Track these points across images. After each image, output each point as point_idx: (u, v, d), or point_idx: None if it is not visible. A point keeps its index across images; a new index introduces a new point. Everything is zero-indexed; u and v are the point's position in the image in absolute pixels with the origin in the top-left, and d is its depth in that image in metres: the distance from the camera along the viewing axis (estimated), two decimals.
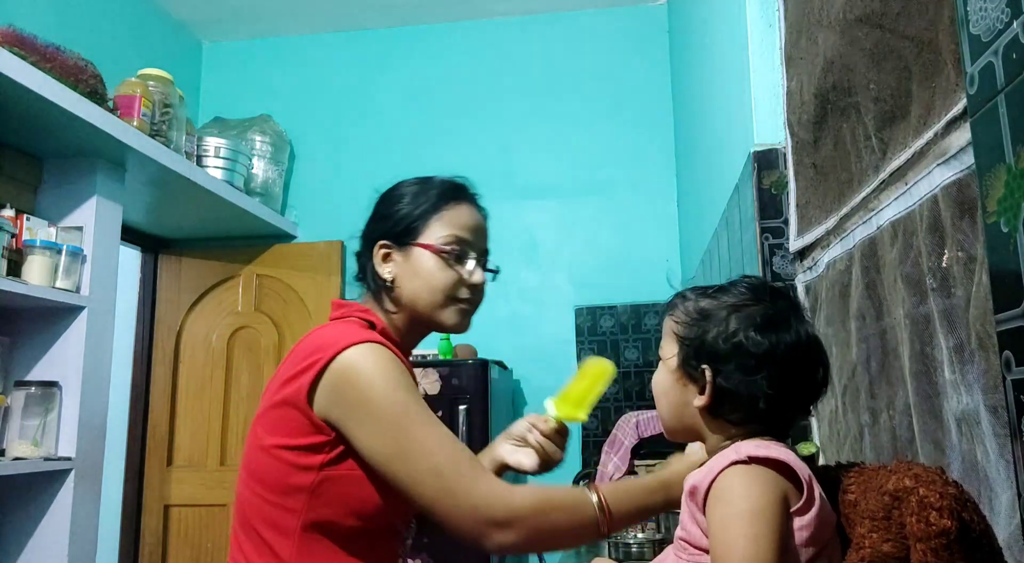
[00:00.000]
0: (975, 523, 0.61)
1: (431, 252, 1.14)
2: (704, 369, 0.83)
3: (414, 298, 1.15)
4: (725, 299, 0.86)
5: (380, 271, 1.17)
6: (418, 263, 1.15)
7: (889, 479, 0.69)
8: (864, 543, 0.68)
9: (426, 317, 1.16)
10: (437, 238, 1.15)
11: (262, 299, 3.73)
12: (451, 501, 0.97)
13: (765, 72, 1.57)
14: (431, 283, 1.14)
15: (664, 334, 0.93)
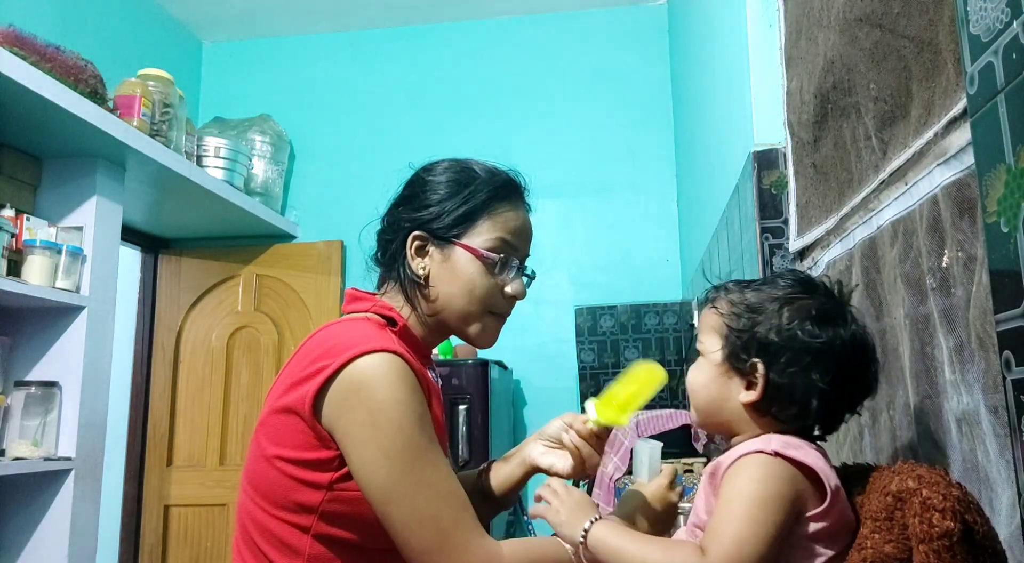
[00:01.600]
0: (978, 525, 0.61)
1: (475, 256, 1.04)
2: (756, 363, 0.80)
3: (448, 302, 1.05)
4: (772, 291, 0.83)
5: (413, 266, 1.06)
6: (458, 265, 1.04)
7: (892, 480, 0.68)
8: (866, 544, 0.68)
9: (455, 324, 1.07)
10: (484, 241, 1.05)
11: (262, 299, 3.73)
12: (442, 557, 0.89)
13: (765, 72, 1.57)
14: (471, 290, 1.04)
15: (703, 328, 0.88)
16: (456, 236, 1.05)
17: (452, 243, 1.05)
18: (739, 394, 0.82)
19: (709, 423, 0.88)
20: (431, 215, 1.07)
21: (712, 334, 0.86)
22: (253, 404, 3.64)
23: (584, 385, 3.46)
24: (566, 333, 3.54)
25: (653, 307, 3.48)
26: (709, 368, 0.85)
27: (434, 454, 0.94)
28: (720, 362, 0.84)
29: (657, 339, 3.45)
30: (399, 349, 0.95)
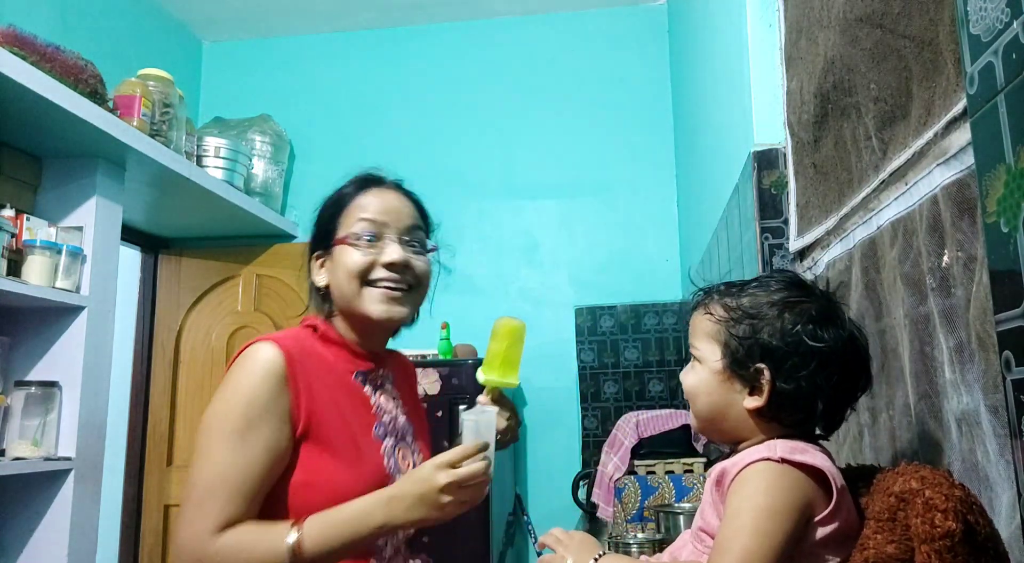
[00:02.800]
0: (980, 526, 0.61)
1: (345, 243, 1.16)
2: (761, 368, 0.80)
3: (340, 293, 1.16)
4: (768, 295, 0.83)
5: (316, 279, 1.20)
6: (339, 258, 1.16)
7: (896, 481, 0.68)
8: (868, 544, 0.68)
9: (354, 310, 1.16)
10: (349, 228, 1.17)
11: (262, 299, 3.73)
12: (177, 523, 1.00)
13: (765, 72, 1.57)
14: (347, 271, 1.14)
15: (697, 333, 0.87)
16: (334, 238, 1.18)
17: (333, 245, 1.18)
18: (743, 400, 0.81)
19: (711, 430, 0.87)
20: (317, 233, 1.23)
21: (708, 340, 0.85)
22: None
23: (584, 385, 3.46)
24: (566, 333, 3.54)
25: (653, 307, 3.48)
26: (709, 375, 0.84)
27: (239, 439, 1.00)
28: (721, 369, 0.83)
29: (657, 339, 3.45)
30: (285, 342, 1.07)
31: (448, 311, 3.49)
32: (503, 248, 3.71)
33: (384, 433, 1.16)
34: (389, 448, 1.15)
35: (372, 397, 1.18)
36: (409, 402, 1.29)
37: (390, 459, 1.14)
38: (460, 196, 3.76)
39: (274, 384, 1.03)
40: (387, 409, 1.19)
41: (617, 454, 2.45)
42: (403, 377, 1.32)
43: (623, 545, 1.69)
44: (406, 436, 1.21)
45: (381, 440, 1.15)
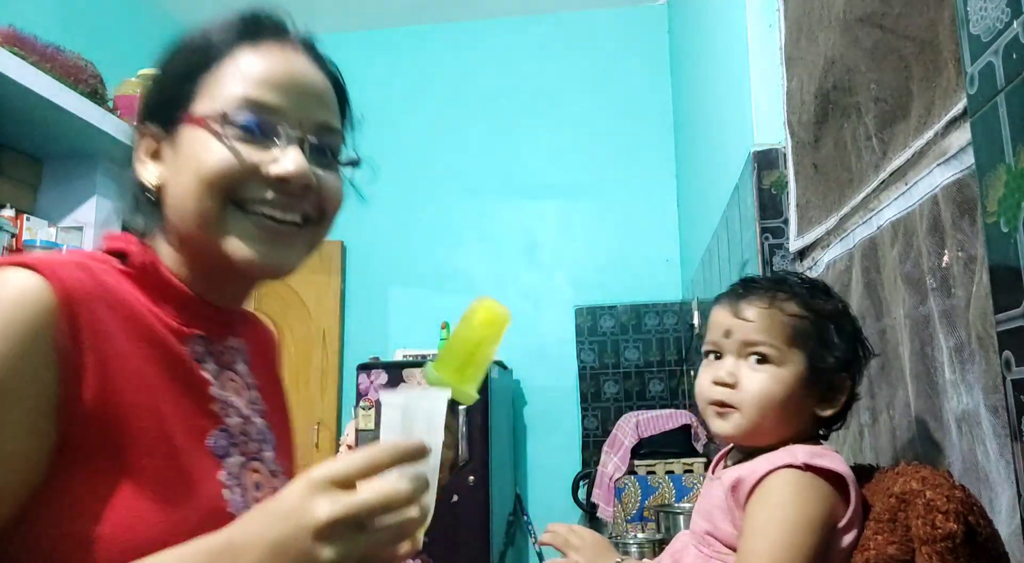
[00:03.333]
0: (981, 527, 0.61)
1: (207, 128, 0.69)
2: (845, 378, 0.79)
3: (181, 209, 0.70)
4: (825, 299, 0.82)
5: (140, 172, 0.74)
6: (190, 149, 0.70)
7: (896, 481, 0.68)
8: (869, 545, 0.68)
9: (204, 242, 0.70)
10: (214, 105, 0.69)
11: (262, 299, 3.73)
12: None
13: (765, 72, 1.57)
14: (203, 175, 0.68)
15: (768, 331, 0.79)
16: (182, 107, 0.71)
17: (179, 124, 0.71)
18: (813, 408, 0.79)
19: (757, 436, 0.80)
20: (155, 95, 0.75)
21: (788, 341, 0.79)
22: None
23: (584, 385, 3.46)
24: (566, 333, 3.54)
25: (653, 307, 3.48)
26: (791, 381, 0.78)
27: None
28: (805, 375, 0.78)
29: (657, 339, 3.45)
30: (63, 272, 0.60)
31: (448, 311, 3.50)
32: (503, 248, 3.70)
33: (227, 445, 0.70)
34: (234, 470, 0.69)
35: (213, 383, 0.72)
36: (271, 396, 0.83)
37: (235, 490, 0.68)
38: (460, 196, 3.76)
39: (27, 347, 0.57)
40: (236, 405, 0.73)
41: (617, 454, 2.45)
42: (262, 354, 0.85)
43: (623, 545, 1.69)
44: (263, 451, 0.75)
45: (221, 457, 0.69)
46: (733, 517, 0.77)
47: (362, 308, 3.73)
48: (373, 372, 3.06)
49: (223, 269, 0.72)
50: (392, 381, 3.02)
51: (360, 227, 3.70)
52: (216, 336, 0.76)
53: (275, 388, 0.87)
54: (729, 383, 0.80)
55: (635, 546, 1.68)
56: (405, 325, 3.65)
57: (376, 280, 3.73)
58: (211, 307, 0.75)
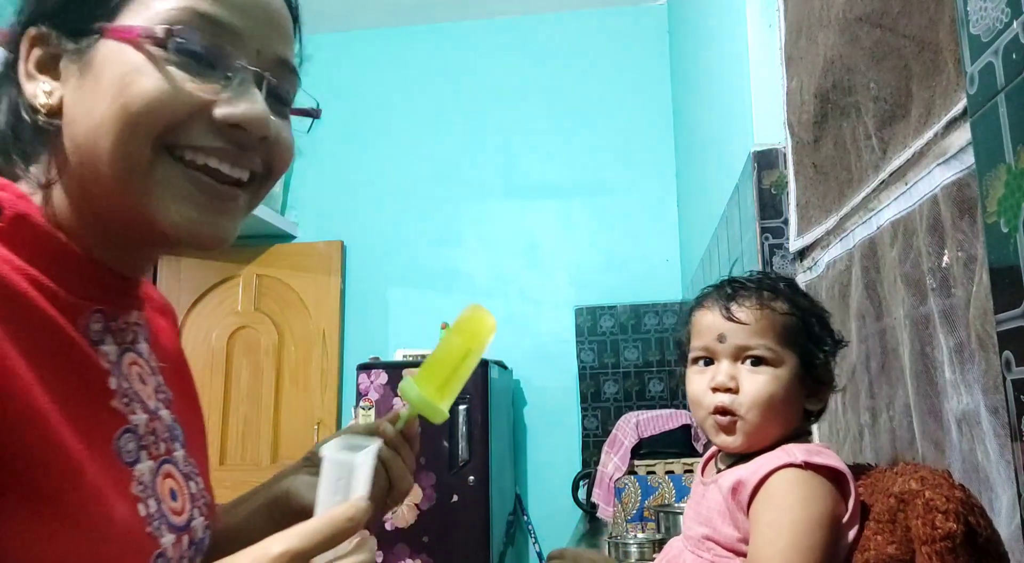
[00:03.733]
0: (981, 527, 0.61)
1: (137, 44, 0.54)
2: (829, 370, 0.80)
3: (89, 144, 0.54)
4: (801, 295, 0.83)
5: (28, 90, 0.56)
6: (107, 70, 0.54)
7: (895, 481, 0.68)
8: (869, 545, 0.68)
9: (116, 192, 0.55)
10: (151, 16, 0.54)
11: (262, 299, 3.73)
12: None
13: (765, 72, 1.57)
14: (121, 106, 0.53)
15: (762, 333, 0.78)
16: (98, 17, 0.55)
17: (97, 35, 0.55)
18: (803, 402, 0.80)
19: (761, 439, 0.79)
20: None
21: (783, 341, 0.78)
22: (253, 404, 3.64)
23: (584, 385, 3.46)
24: (566, 333, 3.54)
25: (653, 307, 3.48)
26: (791, 380, 0.78)
27: None
28: (800, 372, 0.78)
29: (657, 339, 3.45)
30: None
31: (448, 311, 3.50)
32: (503, 248, 3.71)
33: (136, 448, 0.57)
34: (146, 479, 0.57)
35: (113, 371, 0.58)
36: (175, 379, 0.70)
37: (150, 503, 0.57)
38: (460, 196, 3.76)
39: None
40: (141, 397, 0.61)
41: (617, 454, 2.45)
42: (162, 330, 0.72)
43: (623, 545, 1.70)
44: (173, 450, 0.64)
45: (130, 464, 0.56)
46: (735, 520, 0.76)
47: (362, 308, 3.73)
48: (373, 372, 3.06)
49: (137, 230, 0.57)
50: (392, 381, 3.02)
51: (360, 227, 3.71)
52: (117, 310, 0.60)
53: (179, 370, 0.73)
54: (732, 388, 0.78)
55: (635, 546, 1.68)
56: (405, 325, 3.66)
57: (376, 280, 3.73)
58: (112, 274, 0.59)
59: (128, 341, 0.62)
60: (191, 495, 0.64)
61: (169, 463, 0.62)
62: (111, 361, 0.58)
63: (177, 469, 0.63)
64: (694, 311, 0.86)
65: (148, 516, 0.56)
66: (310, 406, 3.63)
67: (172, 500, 0.60)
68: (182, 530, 0.60)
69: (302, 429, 3.61)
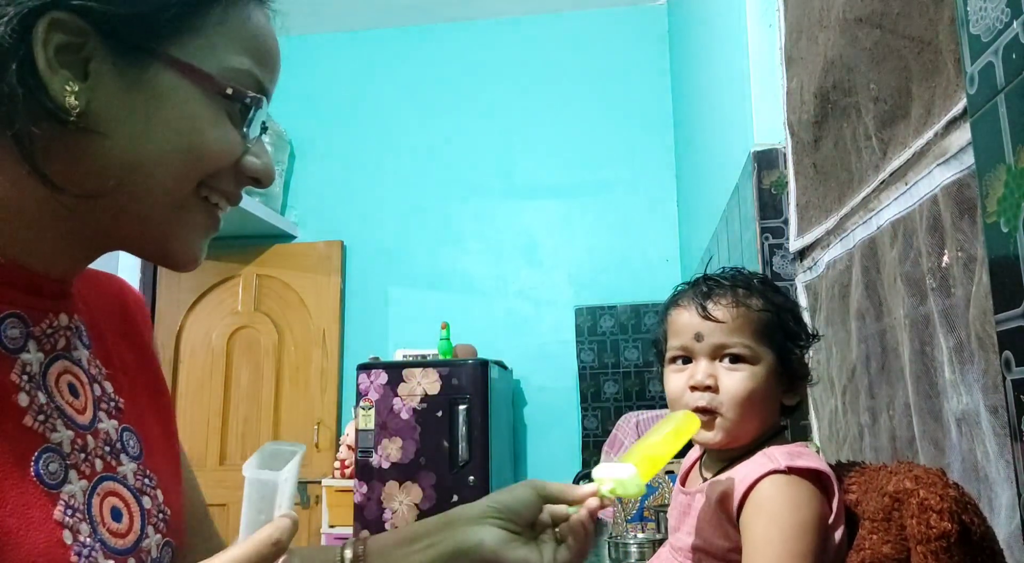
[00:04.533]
0: (976, 526, 0.61)
1: (200, 87, 0.56)
2: (805, 365, 0.81)
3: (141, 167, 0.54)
4: (774, 291, 0.84)
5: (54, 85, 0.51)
6: (172, 103, 0.55)
7: (889, 480, 0.68)
8: (864, 544, 0.68)
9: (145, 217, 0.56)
10: (217, 62, 0.56)
11: (262, 299, 3.73)
12: None
13: (765, 72, 1.57)
14: (189, 148, 0.55)
15: (740, 331, 0.78)
16: (158, 38, 0.54)
17: (151, 53, 0.54)
18: (780, 397, 0.81)
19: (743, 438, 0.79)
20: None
21: (759, 338, 0.79)
22: (253, 404, 3.65)
23: (584, 385, 3.47)
24: (566, 333, 3.55)
25: (653, 307, 3.48)
26: (767, 377, 0.78)
27: None
28: (777, 369, 0.79)
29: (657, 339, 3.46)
30: None
31: (448, 311, 3.50)
32: (503, 248, 3.71)
33: (60, 468, 0.54)
34: (76, 501, 0.54)
35: (23, 386, 0.53)
36: (134, 382, 0.66)
37: (81, 527, 0.53)
38: (460, 196, 3.76)
39: None
40: (67, 411, 0.56)
41: (617, 454, 2.45)
42: (118, 328, 0.67)
43: (623, 545, 1.69)
44: (118, 465, 0.59)
45: (54, 488, 0.53)
46: (725, 531, 0.76)
47: (362, 308, 3.73)
48: (373, 372, 3.06)
49: (136, 248, 0.58)
50: (392, 381, 3.02)
51: (360, 227, 3.71)
52: (39, 314, 0.56)
53: (142, 371, 0.68)
54: (711, 386, 0.78)
55: (635, 546, 1.68)
56: (405, 325, 3.66)
57: (376, 280, 3.73)
58: (34, 276, 0.55)
59: (59, 348, 0.57)
60: (144, 511, 0.60)
61: (111, 480, 0.58)
62: (30, 372, 0.54)
63: (123, 485, 0.59)
64: (669, 309, 0.85)
65: (76, 543, 0.52)
66: (310, 406, 3.63)
67: (115, 521, 0.57)
68: (126, 553, 0.56)
69: (302, 429, 3.62)
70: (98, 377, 0.61)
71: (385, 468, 2.96)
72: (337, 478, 3.27)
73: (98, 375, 0.61)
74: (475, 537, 0.66)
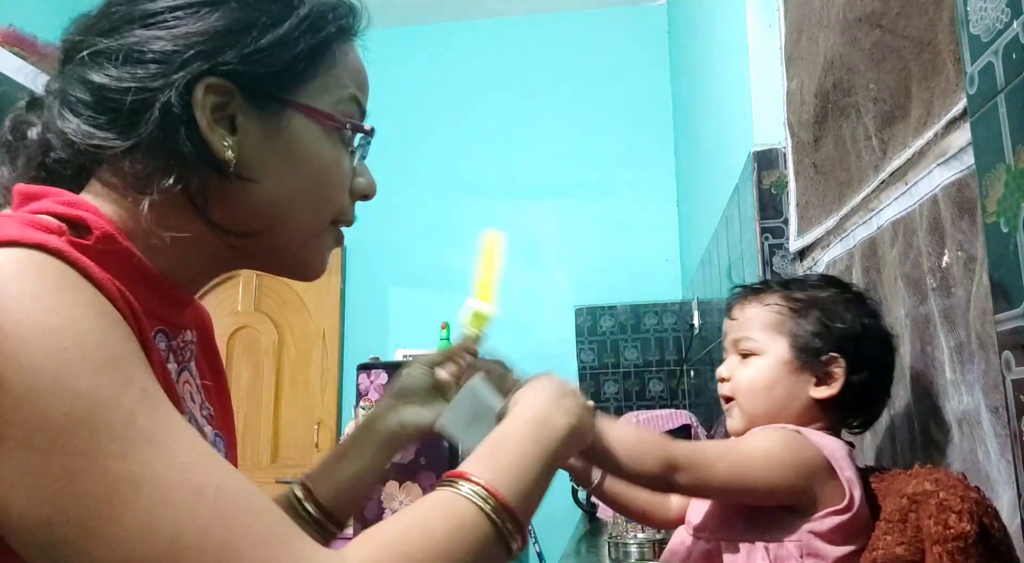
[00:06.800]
0: (995, 529, 0.61)
1: (324, 126, 0.63)
2: (835, 357, 0.80)
3: (282, 206, 0.61)
4: (818, 289, 0.84)
5: (215, 144, 0.56)
6: (302, 146, 0.61)
7: (908, 483, 0.68)
8: (878, 545, 0.68)
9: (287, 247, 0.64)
10: (333, 101, 0.64)
11: (262, 299, 3.73)
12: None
13: (765, 72, 1.57)
14: (323, 185, 0.64)
15: (750, 326, 0.84)
16: (284, 87, 0.60)
17: (283, 102, 0.60)
18: (809, 390, 0.81)
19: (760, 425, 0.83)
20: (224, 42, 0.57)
21: (768, 331, 0.83)
22: (253, 404, 3.64)
23: (584, 385, 3.46)
24: (566, 333, 3.54)
25: (653, 307, 3.48)
26: (774, 366, 0.82)
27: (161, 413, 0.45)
28: (789, 359, 0.81)
29: (657, 339, 3.45)
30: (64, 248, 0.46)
31: (448, 311, 3.49)
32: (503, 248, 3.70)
33: None
34: None
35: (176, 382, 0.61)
36: (217, 393, 0.73)
37: None
38: (460, 196, 3.76)
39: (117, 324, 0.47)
40: (194, 415, 0.64)
41: None
42: (204, 344, 0.73)
43: (623, 545, 1.70)
44: None
45: None
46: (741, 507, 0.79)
47: (362, 308, 3.73)
48: (373, 372, 3.06)
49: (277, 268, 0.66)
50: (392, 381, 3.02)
51: (360, 227, 3.68)
52: (177, 329, 0.63)
53: (220, 383, 0.74)
54: (724, 377, 0.86)
55: (635, 546, 1.68)
56: (405, 325, 3.66)
57: (376, 280, 3.73)
58: (177, 292, 0.61)
59: (185, 359, 0.65)
60: None
61: None
62: (173, 380, 0.59)
63: None
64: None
65: None
66: (310, 406, 3.63)
67: None
68: None
69: (302, 429, 3.62)
70: (200, 387, 0.68)
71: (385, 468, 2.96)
72: None
73: (200, 386, 0.68)
74: (394, 422, 0.82)
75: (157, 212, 0.56)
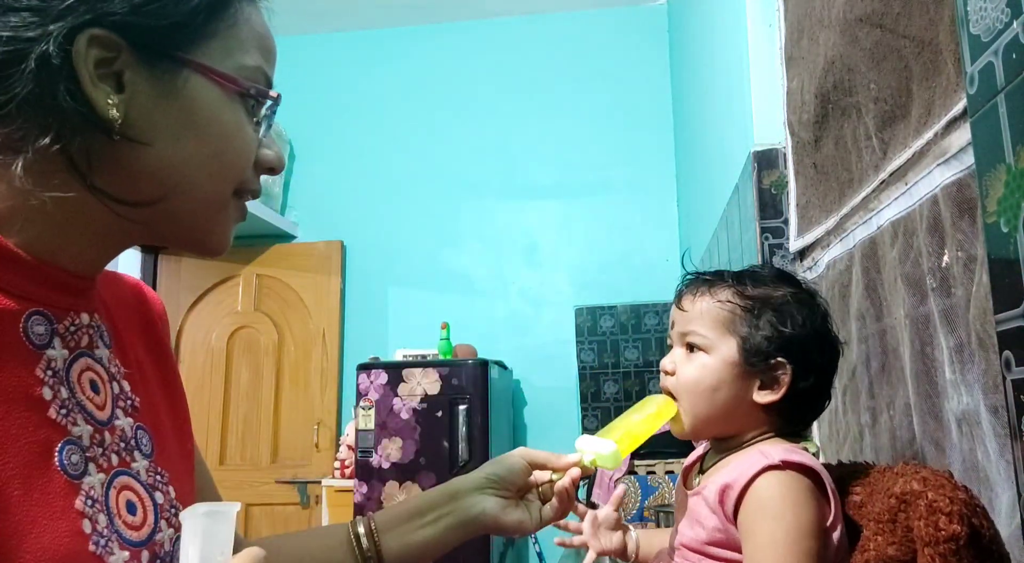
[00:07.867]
0: (985, 529, 0.61)
1: (224, 91, 0.59)
2: (783, 363, 0.77)
3: (181, 173, 0.57)
4: (772, 288, 0.81)
5: (99, 101, 0.53)
6: (202, 109, 0.57)
7: (896, 482, 0.68)
8: (868, 546, 0.68)
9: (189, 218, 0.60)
10: (235, 64, 0.59)
11: (262, 299, 3.73)
12: None
13: (765, 72, 1.57)
14: (224, 155, 0.59)
15: (700, 320, 0.80)
16: (182, 45, 0.56)
17: (178, 61, 0.56)
18: (752, 394, 0.78)
19: (705, 428, 0.81)
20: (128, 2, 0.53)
21: (718, 328, 0.80)
22: (253, 404, 3.65)
23: (584, 385, 3.46)
24: (566, 333, 3.54)
25: (653, 307, 3.48)
26: (721, 366, 0.79)
27: None
28: (736, 361, 0.78)
29: (657, 339, 3.46)
30: None
31: (448, 311, 3.50)
32: (503, 248, 3.71)
33: (81, 460, 0.55)
34: (96, 492, 0.56)
35: (47, 381, 0.55)
36: (151, 383, 0.68)
37: (99, 518, 0.55)
38: (460, 196, 3.76)
39: None
40: (87, 406, 0.58)
41: None
42: (138, 330, 0.70)
43: None
44: (132, 461, 0.61)
45: (76, 478, 0.54)
46: (724, 529, 0.76)
47: (362, 308, 3.73)
48: (373, 372, 3.06)
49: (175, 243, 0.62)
50: (392, 381, 3.02)
51: (360, 227, 3.71)
52: (63, 313, 0.58)
53: (159, 373, 0.70)
54: (669, 371, 0.83)
55: None
56: (405, 325, 3.66)
57: (376, 280, 3.74)
58: (59, 272, 0.57)
59: (82, 345, 0.60)
60: (157, 506, 0.61)
61: (126, 475, 0.60)
62: (54, 368, 0.56)
63: (136, 480, 0.61)
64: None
65: (95, 532, 0.54)
66: (310, 406, 3.63)
67: (130, 514, 0.58)
68: (141, 545, 0.58)
69: (302, 429, 3.62)
70: (117, 375, 0.63)
71: (385, 468, 2.96)
72: (337, 478, 3.27)
73: (117, 374, 0.63)
74: (477, 507, 0.79)
75: (34, 175, 0.52)
